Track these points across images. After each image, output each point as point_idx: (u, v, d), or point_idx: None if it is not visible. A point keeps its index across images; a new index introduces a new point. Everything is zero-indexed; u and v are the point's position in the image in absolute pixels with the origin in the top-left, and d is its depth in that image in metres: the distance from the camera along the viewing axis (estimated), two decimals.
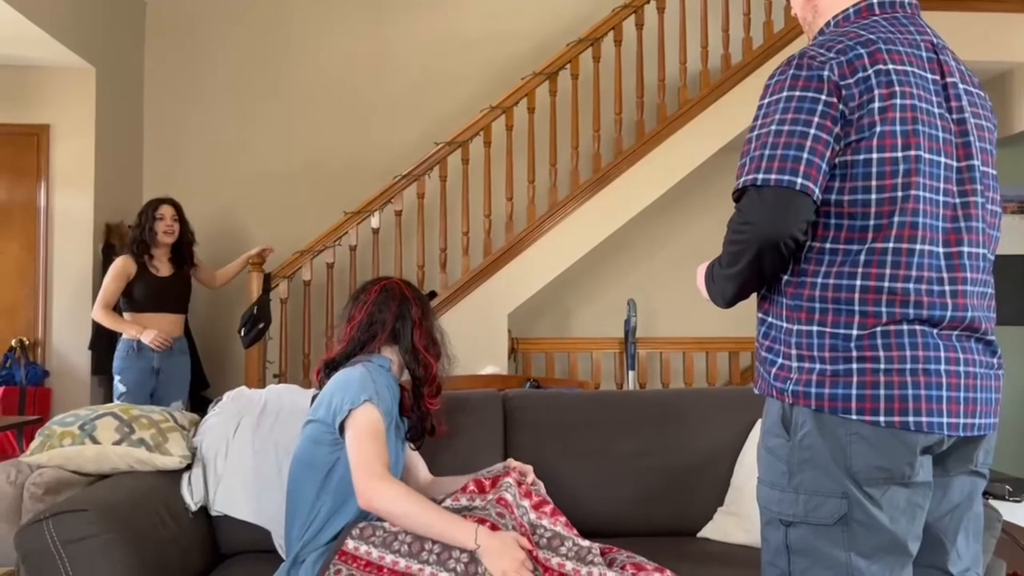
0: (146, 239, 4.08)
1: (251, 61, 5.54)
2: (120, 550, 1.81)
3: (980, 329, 1.41)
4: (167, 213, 4.14)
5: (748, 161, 1.39)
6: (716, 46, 5.06)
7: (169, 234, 4.13)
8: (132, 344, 3.98)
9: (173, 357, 4.10)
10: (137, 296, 4.04)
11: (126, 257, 4.08)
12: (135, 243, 4.10)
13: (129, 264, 4.05)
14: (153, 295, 4.07)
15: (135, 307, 4.05)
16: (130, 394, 3.94)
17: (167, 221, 4.13)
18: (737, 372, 5.16)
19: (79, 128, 4.77)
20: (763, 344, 1.48)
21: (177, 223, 4.17)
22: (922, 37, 1.45)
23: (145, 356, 3.99)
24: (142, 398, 3.95)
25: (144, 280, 4.06)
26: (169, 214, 4.14)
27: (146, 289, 4.05)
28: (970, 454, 1.43)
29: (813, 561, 1.38)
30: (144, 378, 3.99)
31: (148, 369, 4.00)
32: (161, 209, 4.13)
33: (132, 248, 4.09)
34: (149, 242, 4.09)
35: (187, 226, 4.25)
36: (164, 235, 4.11)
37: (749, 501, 2.26)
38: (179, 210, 4.20)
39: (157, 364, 4.03)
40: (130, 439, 2.16)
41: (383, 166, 5.16)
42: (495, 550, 1.74)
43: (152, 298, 4.07)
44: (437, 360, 2.14)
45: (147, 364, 4.00)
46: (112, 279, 4.02)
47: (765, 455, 1.46)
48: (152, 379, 4.02)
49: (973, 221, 1.41)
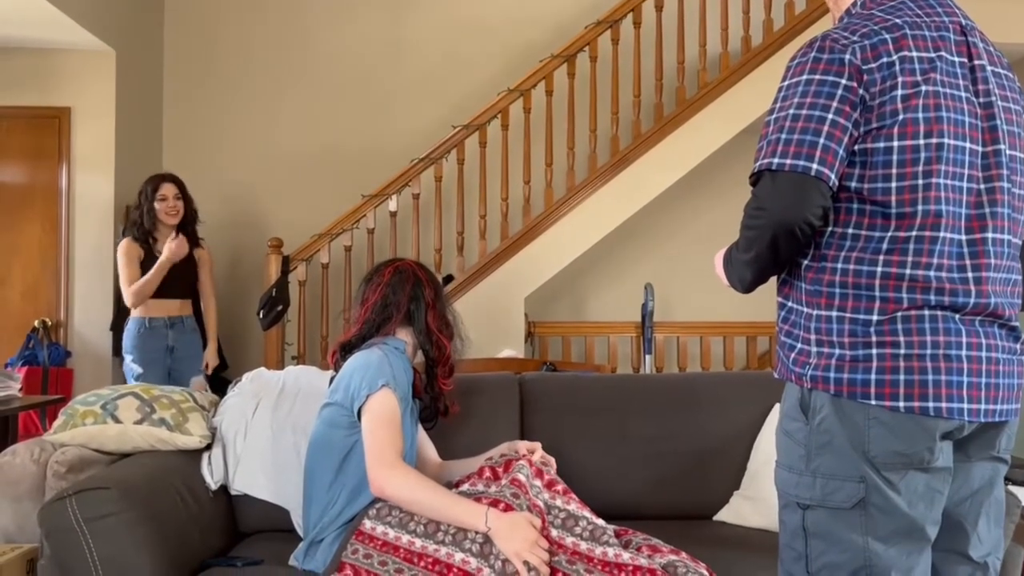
0: (145, 223, 3.83)
1: (270, 45, 5.54)
2: (141, 528, 1.84)
3: (1004, 315, 1.40)
4: (169, 192, 3.86)
5: (765, 145, 1.38)
6: (736, 28, 5.01)
7: (172, 215, 3.86)
8: (144, 322, 3.83)
9: (186, 335, 3.96)
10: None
11: (129, 240, 3.85)
12: (135, 227, 3.85)
13: (136, 248, 3.84)
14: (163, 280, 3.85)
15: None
16: (146, 374, 3.78)
17: (170, 201, 3.85)
18: (754, 357, 5.14)
19: (99, 111, 4.80)
20: (783, 328, 1.48)
21: (180, 201, 3.89)
22: (950, 19, 1.43)
23: (158, 334, 3.85)
24: (158, 377, 3.79)
25: (150, 264, 3.82)
26: (171, 193, 3.86)
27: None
28: (992, 440, 1.42)
29: (830, 544, 1.38)
30: (159, 356, 3.86)
31: (162, 347, 3.87)
32: (163, 188, 3.85)
33: (133, 232, 3.85)
34: (149, 226, 3.84)
35: (191, 204, 3.96)
36: (167, 216, 3.85)
37: (765, 485, 2.26)
38: (181, 187, 3.91)
39: (171, 341, 3.88)
40: (151, 419, 2.18)
41: (401, 149, 5.16)
42: (506, 531, 1.75)
43: (162, 283, 3.85)
44: (451, 341, 2.15)
45: (160, 342, 3.87)
46: (127, 263, 3.81)
47: (783, 439, 1.46)
48: (167, 357, 3.88)
49: (998, 207, 1.39)
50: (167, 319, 3.91)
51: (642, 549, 1.86)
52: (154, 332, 3.85)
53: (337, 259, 4.92)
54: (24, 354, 4.56)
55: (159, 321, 3.87)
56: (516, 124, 4.90)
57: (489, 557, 1.75)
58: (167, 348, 3.88)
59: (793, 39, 4.84)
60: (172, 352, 3.90)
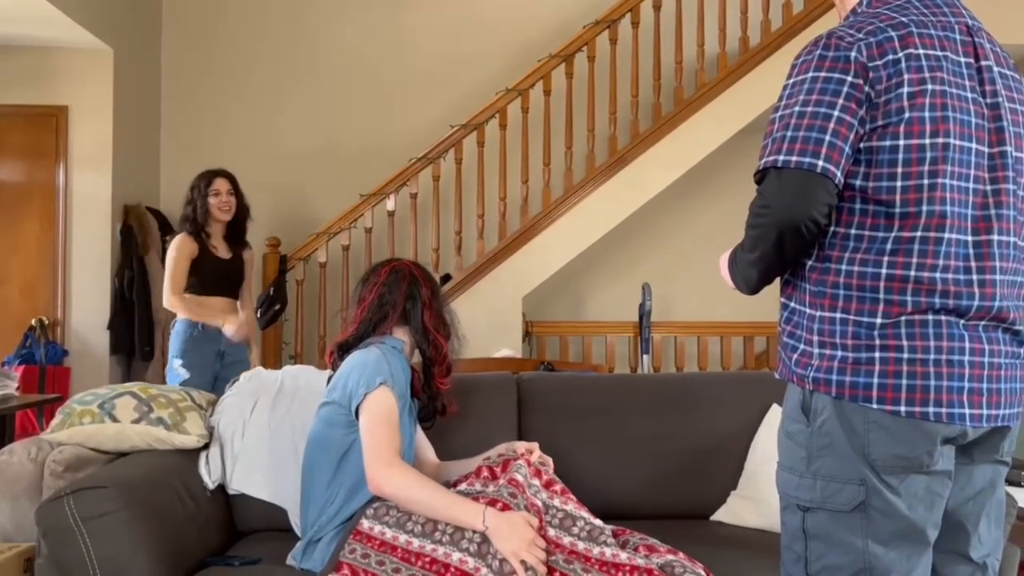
0: (199, 218, 3.66)
1: (268, 44, 5.54)
2: (139, 526, 1.84)
3: (1008, 319, 1.39)
4: (222, 187, 3.71)
5: (770, 142, 1.37)
6: (734, 28, 5.01)
7: (225, 210, 3.71)
8: (198, 326, 3.60)
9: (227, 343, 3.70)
10: (196, 278, 3.64)
11: (185, 236, 3.66)
12: (188, 222, 3.68)
13: (191, 243, 3.63)
14: (213, 279, 3.68)
15: (191, 290, 3.65)
16: (193, 379, 3.53)
17: (223, 197, 3.70)
18: (751, 357, 5.14)
19: (97, 109, 4.80)
20: (785, 329, 1.47)
21: (233, 197, 3.75)
22: (957, 19, 1.42)
23: (212, 339, 3.62)
24: (205, 383, 3.54)
25: (205, 262, 3.65)
26: (225, 188, 3.72)
27: (208, 272, 3.66)
28: (996, 444, 1.42)
29: (830, 547, 1.37)
30: (209, 361, 3.63)
31: (214, 352, 3.64)
32: (216, 183, 3.71)
33: (187, 227, 3.67)
34: (202, 221, 3.67)
35: (243, 200, 3.81)
36: (220, 212, 3.69)
37: (763, 485, 2.26)
38: (234, 183, 3.78)
39: (223, 347, 3.67)
40: (149, 418, 2.18)
41: (400, 148, 5.16)
42: (504, 531, 1.75)
43: (212, 283, 3.68)
44: (447, 340, 2.15)
45: (213, 347, 3.64)
46: (177, 262, 3.60)
47: (785, 440, 1.46)
48: (217, 362, 3.65)
49: (1004, 208, 1.39)
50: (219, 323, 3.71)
51: (639, 549, 1.87)
52: (207, 336, 3.62)
53: (335, 258, 4.92)
54: (21, 353, 4.56)
55: (213, 326, 3.65)
56: (514, 124, 4.90)
57: (487, 556, 1.75)
58: (218, 353, 3.67)
59: (791, 39, 4.85)
60: (222, 358, 3.68)
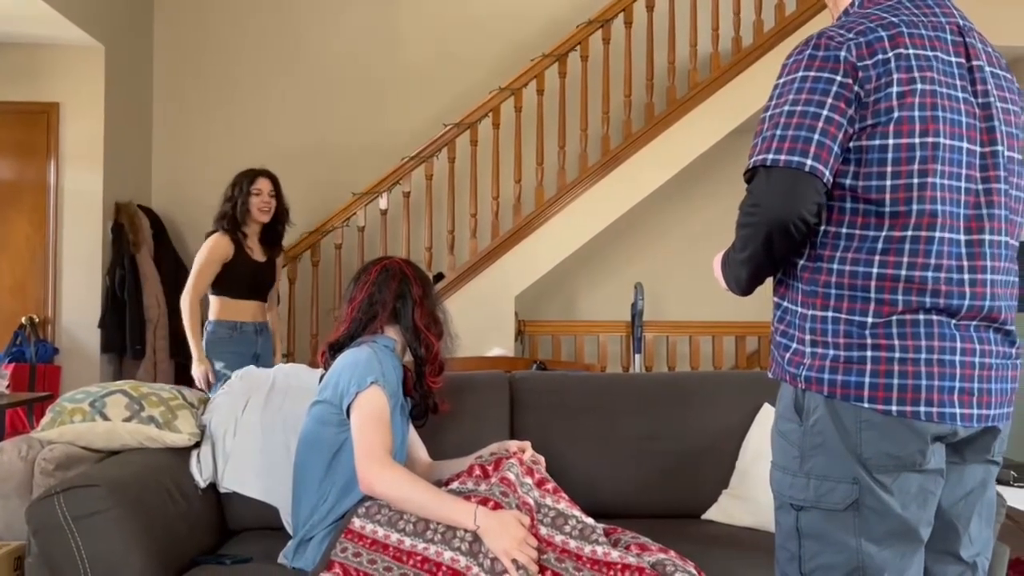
0: (238, 216, 3.58)
1: (261, 41, 5.53)
2: (130, 525, 1.83)
3: (999, 319, 1.40)
4: (264, 187, 3.63)
5: (760, 141, 1.38)
6: (727, 29, 5.02)
7: (265, 211, 3.63)
8: (236, 326, 3.55)
9: (268, 341, 3.72)
10: (230, 281, 3.55)
11: (221, 235, 3.55)
12: (226, 219, 3.58)
13: (227, 244, 3.54)
14: (246, 282, 3.59)
15: (225, 292, 3.57)
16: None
17: (264, 196, 3.62)
18: (743, 356, 5.16)
19: (88, 106, 4.78)
20: (778, 328, 1.48)
21: (274, 199, 3.67)
22: (948, 19, 1.42)
23: (248, 340, 3.58)
24: None
25: (240, 263, 3.56)
26: (267, 188, 3.64)
27: (242, 274, 3.57)
28: (988, 444, 1.42)
29: (824, 546, 1.38)
30: (246, 362, 3.42)
31: (249, 354, 3.57)
32: (258, 182, 3.63)
33: (223, 225, 3.58)
34: (241, 220, 3.58)
35: (283, 202, 3.73)
36: (260, 212, 3.61)
37: (754, 484, 2.27)
38: (276, 184, 3.69)
39: (258, 348, 3.62)
40: (140, 416, 2.17)
41: (393, 147, 5.16)
42: (495, 530, 1.76)
43: (244, 286, 3.59)
44: (439, 339, 2.15)
45: (249, 348, 3.59)
46: (207, 262, 3.50)
47: (778, 439, 1.46)
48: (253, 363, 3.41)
49: (996, 208, 1.39)
50: (255, 324, 3.65)
51: (631, 547, 1.87)
52: (244, 337, 3.58)
53: (327, 257, 4.91)
54: (11, 351, 4.54)
55: (249, 326, 3.61)
56: (507, 123, 4.90)
57: (478, 555, 1.75)
58: (255, 355, 3.60)
59: (783, 40, 4.86)
60: (258, 360, 3.59)
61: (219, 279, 3.54)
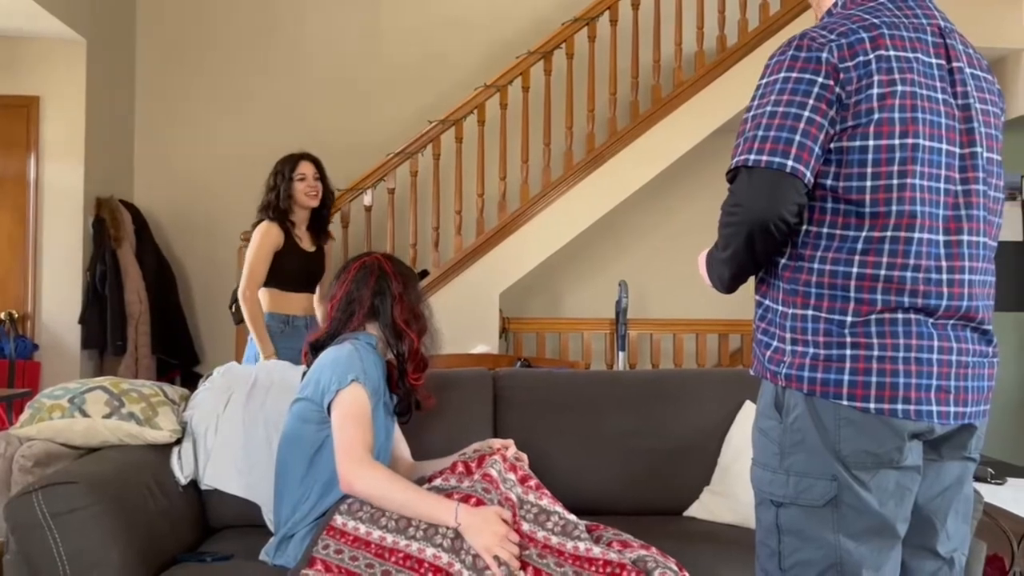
0: (282, 204, 3.40)
1: (245, 36, 5.49)
2: (109, 522, 1.82)
3: (977, 318, 1.41)
4: (308, 171, 3.46)
5: (742, 142, 1.39)
6: (712, 27, 5.04)
7: (312, 196, 3.45)
8: (288, 320, 3.42)
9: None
10: (281, 272, 3.39)
11: (270, 224, 3.38)
12: (271, 208, 3.41)
13: (276, 232, 3.38)
14: (296, 274, 3.44)
15: (275, 283, 3.40)
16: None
17: (309, 181, 3.44)
18: (726, 354, 5.18)
19: (69, 100, 4.73)
20: (759, 327, 1.49)
21: (319, 182, 3.49)
22: (929, 21, 1.43)
23: (299, 335, 3.38)
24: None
25: (290, 253, 3.41)
26: (311, 172, 3.46)
27: (293, 265, 3.42)
28: (964, 441, 1.44)
29: (803, 541, 1.39)
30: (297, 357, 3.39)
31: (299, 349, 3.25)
32: (301, 167, 3.45)
33: (269, 214, 3.41)
34: (285, 207, 3.41)
35: (329, 186, 3.56)
36: (306, 197, 3.44)
37: (736, 481, 2.28)
38: (320, 167, 3.52)
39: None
40: (120, 413, 2.16)
41: (378, 143, 5.13)
42: (476, 526, 1.76)
43: (295, 278, 3.44)
44: (420, 335, 2.12)
45: (298, 344, 3.34)
46: (260, 252, 3.35)
47: (758, 436, 1.47)
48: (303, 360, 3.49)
49: (974, 209, 1.40)
50: (305, 318, 3.49)
51: (613, 544, 1.87)
52: (295, 331, 3.42)
53: None
54: None
55: (300, 321, 3.47)
56: (492, 120, 4.90)
57: (460, 552, 1.75)
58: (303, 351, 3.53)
59: (768, 39, 4.88)
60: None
61: (269, 270, 3.37)
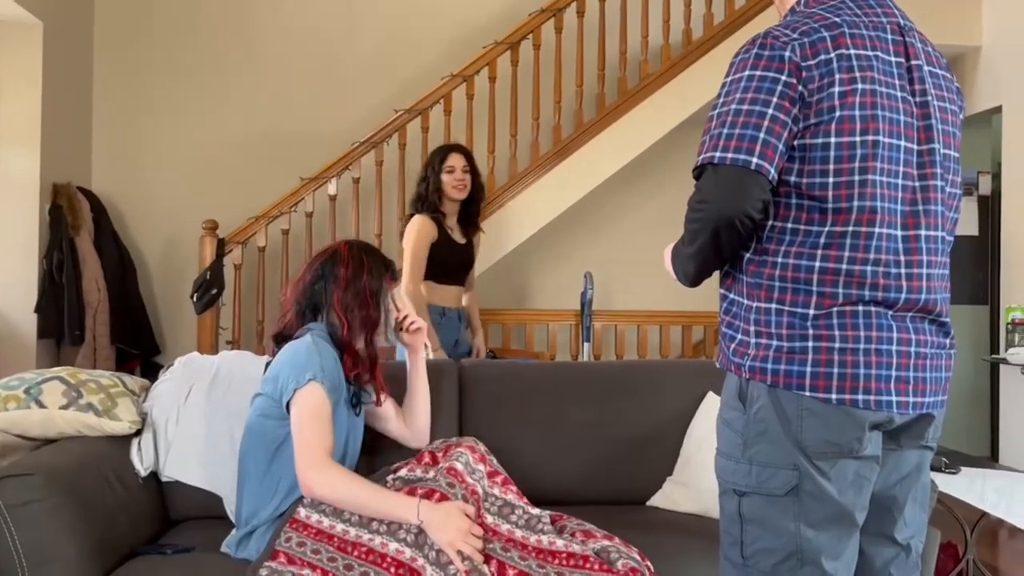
0: (432, 197, 3.47)
1: (209, 22, 5.40)
2: (67, 514, 1.80)
3: (935, 311, 1.45)
4: (457, 164, 3.49)
5: (708, 139, 1.41)
6: (677, 21, 5.06)
7: (460, 189, 3.48)
8: (443, 311, 3.46)
9: (465, 328, 3.62)
10: (436, 264, 3.43)
11: (423, 218, 3.44)
12: (422, 201, 3.48)
13: (431, 225, 3.43)
14: (449, 267, 3.49)
15: (430, 276, 3.45)
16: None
17: (457, 174, 3.48)
18: (689, 345, 5.23)
19: (25, 84, 4.61)
20: (724, 320, 1.51)
21: (469, 175, 3.51)
22: (888, 19, 1.46)
23: (452, 327, 3.49)
24: None
25: (444, 245, 3.46)
26: (460, 164, 3.49)
27: (447, 257, 3.47)
28: (922, 431, 1.48)
29: (764, 530, 1.42)
30: (448, 350, 3.45)
31: (452, 341, 3.49)
32: (451, 159, 3.50)
33: (419, 207, 3.48)
34: (435, 200, 3.47)
35: (479, 179, 3.58)
36: (454, 190, 3.47)
37: (698, 471, 2.31)
38: (470, 159, 3.55)
39: (460, 335, 3.55)
40: (78, 404, 2.12)
41: (343, 133, 5.08)
42: (439, 522, 1.76)
43: (447, 271, 3.49)
44: (364, 327, 2.04)
45: (452, 336, 3.51)
46: (418, 245, 3.39)
47: (723, 427, 1.50)
48: (453, 351, 3.49)
49: (932, 204, 1.44)
50: (458, 309, 3.55)
51: (576, 534, 1.89)
52: (450, 323, 3.48)
53: (274, 242, 4.83)
54: None
55: (453, 312, 3.52)
56: (459, 110, 4.88)
57: (423, 547, 1.75)
58: (455, 342, 3.52)
59: (733, 33, 4.91)
60: (457, 346, 3.52)
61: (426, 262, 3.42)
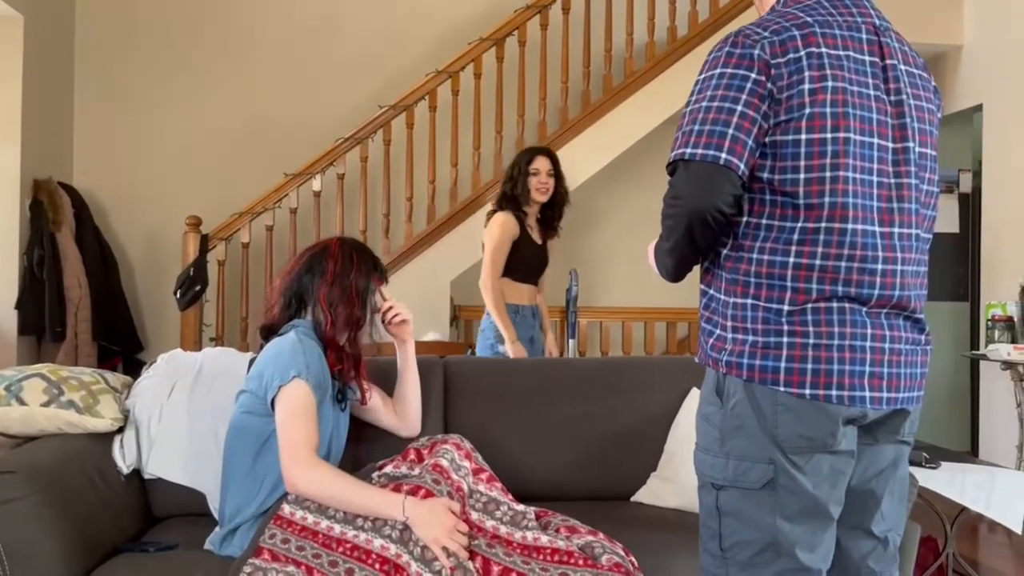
0: (518, 195, 3.56)
1: (191, 17, 5.36)
2: (48, 512, 1.79)
3: (909, 307, 1.46)
4: (542, 167, 3.58)
5: (680, 136, 1.43)
6: (662, 18, 5.08)
7: (543, 192, 3.57)
8: (517, 308, 3.57)
9: (539, 326, 3.74)
10: (514, 262, 3.55)
11: (507, 215, 3.55)
12: (506, 200, 3.59)
13: (513, 223, 3.54)
14: (526, 266, 3.60)
15: (508, 273, 3.57)
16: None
17: (541, 177, 3.57)
18: (674, 341, 5.26)
19: (5, 78, 4.56)
20: (703, 315, 1.53)
21: (553, 179, 3.60)
22: (864, 19, 1.48)
23: (527, 324, 3.60)
24: None
25: (524, 244, 3.57)
26: (545, 168, 3.58)
27: (525, 256, 3.58)
28: (898, 426, 1.49)
29: (741, 523, 1.44)
30: (524, 345, 3.55)
31: (527, 338, 3.59)
32: (536, 161, 3.58)
33: (502, 205, 3.59)
34: (521, 200, 3.57)
35: (563, 183, 3.67)
36: (537, 192, 3.57)
37: (682, 466, 2.32)
38: (556, 163, 3.64)
39: (534, 332, 3.66)
40: (59, 401, 2.10)
41: (327, 128, 5.06)
42: (424, 519, 1.76)
43: (524, 269, 3.60)
44: (349, 324, 2.04)
45: (527, 332, 3.60)
46: (500, 241, 3.51)
47: (701, 422, 1.51)
48: (528, 348, 3.58)
49: (906, 203, 1.46)
50: (531, 307, 3.67)
51: (560, 530, 1.90)
52: (524, 320, 3.58)
53: (258, 239, 4.81)
54: None
55: (527, 310, 3.63)
56: (444, 106, 4.87)
57: (408, 543, 1.75)
58: (530, 339, 3.62)
59: (718, 30, 4.94)
60: (532, 343, 3.62)
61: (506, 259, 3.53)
